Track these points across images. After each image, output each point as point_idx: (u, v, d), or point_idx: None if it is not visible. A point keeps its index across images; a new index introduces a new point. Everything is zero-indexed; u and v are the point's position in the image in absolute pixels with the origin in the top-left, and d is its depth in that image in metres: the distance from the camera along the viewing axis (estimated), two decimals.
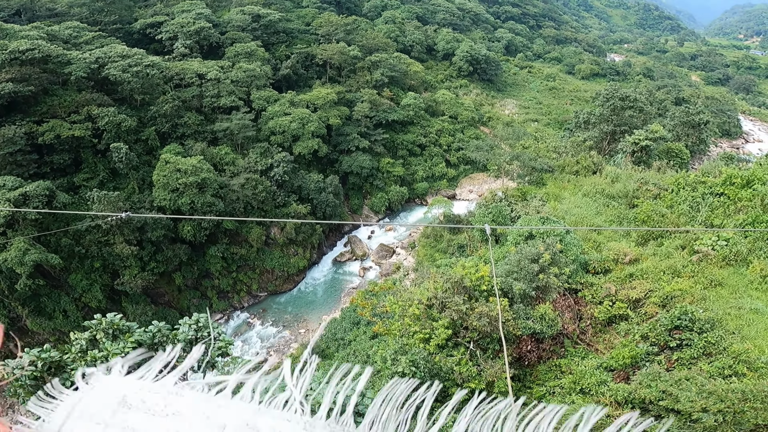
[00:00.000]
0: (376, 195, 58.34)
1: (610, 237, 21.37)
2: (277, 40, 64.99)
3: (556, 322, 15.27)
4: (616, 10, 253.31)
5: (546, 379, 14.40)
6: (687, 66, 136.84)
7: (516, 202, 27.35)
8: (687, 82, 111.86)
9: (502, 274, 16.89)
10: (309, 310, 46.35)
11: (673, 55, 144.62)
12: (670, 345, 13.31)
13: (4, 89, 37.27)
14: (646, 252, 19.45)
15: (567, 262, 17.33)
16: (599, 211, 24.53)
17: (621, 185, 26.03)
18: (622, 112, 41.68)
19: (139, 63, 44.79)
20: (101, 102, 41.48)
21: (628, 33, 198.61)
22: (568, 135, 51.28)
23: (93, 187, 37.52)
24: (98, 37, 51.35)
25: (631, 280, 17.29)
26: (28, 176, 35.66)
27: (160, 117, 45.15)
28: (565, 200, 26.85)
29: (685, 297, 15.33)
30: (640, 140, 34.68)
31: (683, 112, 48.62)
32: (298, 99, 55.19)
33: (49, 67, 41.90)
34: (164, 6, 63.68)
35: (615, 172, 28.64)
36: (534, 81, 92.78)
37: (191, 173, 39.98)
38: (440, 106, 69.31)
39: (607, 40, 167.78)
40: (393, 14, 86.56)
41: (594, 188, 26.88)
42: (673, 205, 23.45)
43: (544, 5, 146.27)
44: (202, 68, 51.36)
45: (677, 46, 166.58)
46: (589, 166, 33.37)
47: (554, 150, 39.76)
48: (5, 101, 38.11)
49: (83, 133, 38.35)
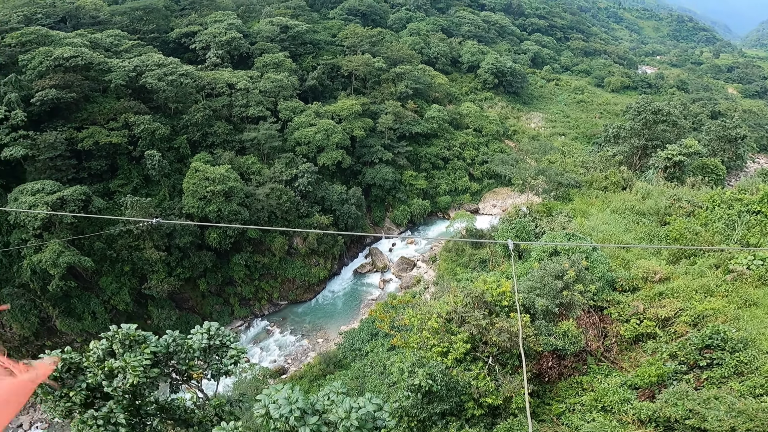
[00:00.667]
0: (399, 208, 58.82)
1: (639, 255, 21.11)
2: (304, 51, 66.93)
3: (579, 339, 15.22)
4: (648, 21, 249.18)
5: (566, 396, 14.34)
6: (723, 78, 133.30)
7: (541, 217, 27.27)
8: (723, 95, 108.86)
9: (524, 290, 16.96)
10: (328, 320, 46.90)
11: (709, 67, 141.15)
12: (700, 364, 13.13)
13: (48, 95, 39.53)
14: (677, 271, 19.16)
15: (593, 280, 17.27)
16: (628, 228, 24.25)
17: (652, 202, 25.65)
18: (654, 126, 40.97)
19: (174, 72, 46.86)
20: (138, 110, 43.54)
21: (660, 45, 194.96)
22: (596, 149, 50.60)
23: (127, 193, 39.28)
24: (137, 45, 54.00)
25: (660, 298, 17.07)
26: (66, 181, 37.63)
27: (192, 126, 47.02)
28: (592, 216, 26.61)
29: (717, 316, 15.08)
30: (673, 155, 34.03)
31: (719, 126, 47.46)
32: (324, 110, 56.54)
33: (91, 74, 44.21)
34: (198, 16, 66.56)
35: (646, 189, 28.20)
36: (561, 94, 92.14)
37: (219, 182, 41.43)
38: (464, 119, 69.61)
39: (639, 52, 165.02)
40: (418, 26, 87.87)
41: (623, 204, 26.55)
42: (708, 223, 23.02)
43: (572, 17, 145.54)
44: (232, 78, 53.31)
45: (713, 57, 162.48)
46: (618, 181, 32.93)
47: (582, 165, 39.28)
48: (48, 107, 40.39)
49: (120, 140, 40.31)
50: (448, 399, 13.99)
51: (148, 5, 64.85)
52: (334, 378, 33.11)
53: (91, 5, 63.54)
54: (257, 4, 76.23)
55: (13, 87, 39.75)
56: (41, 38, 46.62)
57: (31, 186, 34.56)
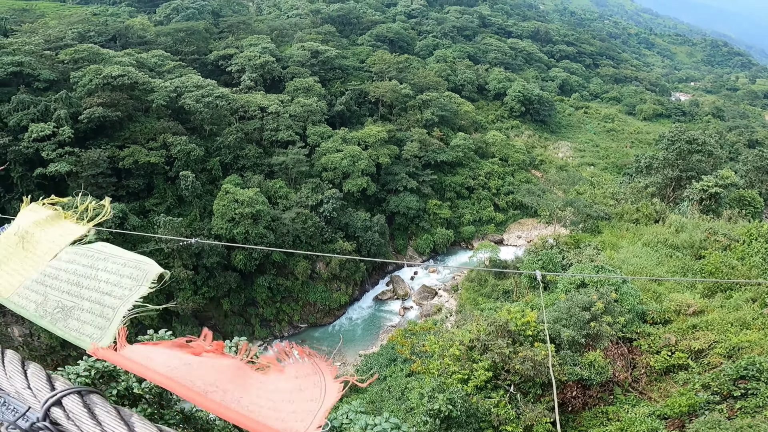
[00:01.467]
0: (422, 236, 59.35)
1: (672, 288, 21.08)
2: (333, 76, 69.70)
3: (606, 370, 15.34)
4: (681, 47, 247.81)
5: (590, 426, 14.41)
6: (760, 105, 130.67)
7: (568, 249, 27.41)
8: (760, 123, 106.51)
9: (550, 320, 17.26)
10: (346, 345, 47.29)
11: (745, 93, 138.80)
12: (734, 394, 13.11)
13: (95, 113, 42.30)
14: (712, 304, 19.06)
15: (622, 312, 17.43)
16: (661, 261, 24.21)
17: (686, 235, 25.54)
18: (689, 156, 40.48)
19: (210, 94, 49.58)
20: (176, 130, 46.13)
21: (694, 70, 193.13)
22: (627, 180, 50.34)
23: (161, 212, 41.33)
24: (178, 66, 57.51)
25: (694, 331, 17.04)
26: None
27: (225, 148, 49.37)
28: (622, 249, 26.63)
29: (753, 348, 15.03)
30: (708, 187, 33.65)
31: (756, 156, 46.56)
32: (350, 136, 58.36)
33: (136, 93, 47.15)
34: (235, 39, 70.50)
35: (680, 221, 28.05)
36: (590, 122, 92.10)
37: (247, 204, 43.19)
38: (490, 148, 70.31)
39: (672, 78, 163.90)
40: (444, 53, 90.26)
41: (656, 237, 26.49)
42: (744, 257, 22.79)
43: (601, 44, 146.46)
44: (264, 101, 55.86)
45: (749, 83, 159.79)
46: (650, 214, 32.71)
47: (612, 196, 39.03)
48: (95, 125, 43.14)
49: (158, 160, 42.69)
50: (467, 425, 14.25)
51: (190, 27, 69.25)
52: (351, 400, 33.25)
53: (139, 25, 68.29)
54: (290, 29, 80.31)
55: (64, 103, 42.67)
56: (93, 56, 50.22)
57: None
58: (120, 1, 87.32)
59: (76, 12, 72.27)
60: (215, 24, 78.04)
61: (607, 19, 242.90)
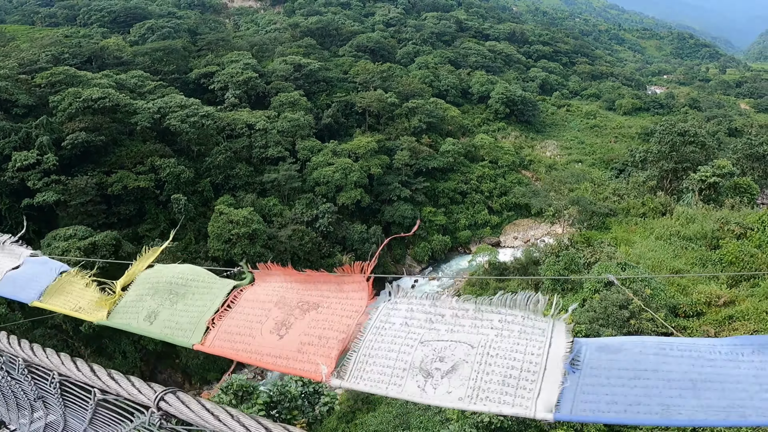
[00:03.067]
0: (419, 245, 59.50)
1: (695, 280, 21.58)
2: (317, 89, 69.83)
3: None
4: (650, 41, 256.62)
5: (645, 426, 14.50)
6: (733, 94, 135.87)
7: (582, 248, 27.82)
8: (737, 111, 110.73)
9: (585, 321, 17.44)
10: None
11: (717, 84, 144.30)
12: None
13: (78, 138, 41.26)
14: (740, 294, 19.61)
15: (657, 307, 17.77)
16: (677, 254, 24.81)
17: (698, 226, 26.28)
18: (682, 148, 41.88)
19: (195, 113, 48.98)
20: (163, 153, 45.36)
21: (665, 63, 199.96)
22: (624, 175, 51.36)
23: (155, 238, 40.41)
24: (159, 86, 56.66)
25: (731, 321, 17.48)
26: (97, 226, 38.94)
27: (214, 168, 48.78)
28: (636, 244, 27.19)
29: None
30: (707, 177, 34.75)
31: (746, 144, 48.24)
32: (340, 148, 58.42)
33: (118, 116, 46.14)
34: (215, 56, 69.98)
35: (687, 213, 28.83)
36: (573, 120, 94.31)
37: (243, 224, 42.61)
38: (479, 151, 71.29)
39: (645, 72, 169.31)
40: (426, 60, 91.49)
41: (667, 231, 27.12)
42: (761, 245, 23.51)
43: (575, 42, 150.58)
44: (251, 118, 55.53)
45: (719, 73, 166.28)
46: (656, 207, 33.52)
47: (614, 193, 39.91)
48: (79, 151, 42.09)
49: (148, 184, 41.87)
50: None
51: (167, 46, 68.42)
52: (376, 415, 32.75)
53: (114, 46, 67.16)
54: (270, 43, 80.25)
55: (45, 129, 41.52)
56: (70, 78, 49.09)
57: (63, 231, 35.91)
58: (91, 22, 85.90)
59: (47, 34, 70.72)
60: (193, 42, 77.42)
61: (577, 17, 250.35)
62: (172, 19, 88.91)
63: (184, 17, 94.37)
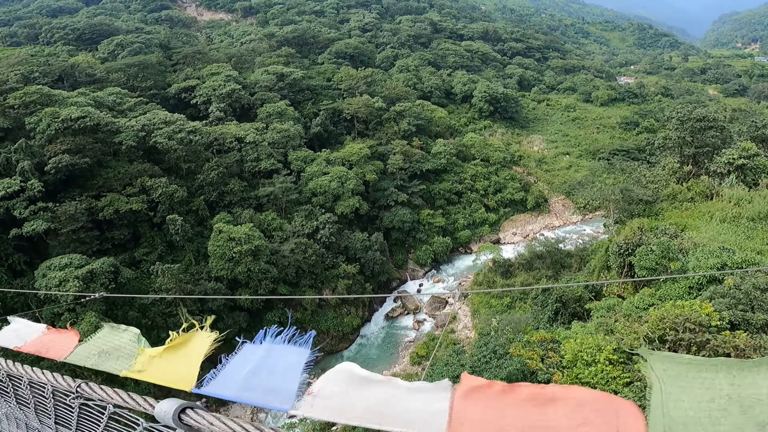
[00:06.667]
0: (420, 248, 59.43)
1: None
2: (303, 97, 69.03)
3: None
4: (612, 33, 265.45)
5: None
6: (700, 80, 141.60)
7: (659, 235, 27.25)
8: (707, 97, 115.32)
9: (721, 308, 17.48)
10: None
11: (683, 72, 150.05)
12: None
13: (62, 161, 39.23)
14: None
15: None
16: (748, 235, 25.23)
17: (758, 206, 26.55)
18: (702, 133, 42.19)
19: (181, 129, 47.44)
20: (152, 172, 43.70)
21: (630, 54, 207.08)
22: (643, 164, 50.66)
23: (153, 261, 38.90)
24: (139, 103, 54.80)
25: None
26: (92, 253, 37.10)
27: (207, 185, 47.41)
28: (701, 229, 27.35)
29: None
30: (734, 159, 35.48)
31: (751, 126, 48.92)
32: (333, 157, 57.83)
33: (100, 136, 44.12)
34: (193, 70, 68.25)
35: (738, 195, 29.18)
36: (554, 113, 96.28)
37: (245, 241, 41.50)
38: (470, 150, 71.90)
39: (613, 64, 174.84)
40: (406, 63, 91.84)
41: (728, 213, 27.30)
42: None
43: (545, 37, 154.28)
44: (239, 131, 54.24)
45: (683, 62, 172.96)
46: (703, 191, 33.96)
47: (651, 180, 40.06)
48: (63, 175, 40.04)
49: (140, 207, 40.21)
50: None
51: (142, 61, 66.35)
52: None
53: (85, 63, 64.71)
54: (248, 54, 78.98)
55: (25, 154, 39.27)
56: (44, 98, 46.91)
57: (58, 261, 34.08)
58: (54, 40, 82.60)
59: (11, 54, 67.52)
60: (168, 57, 75.41)
61: (543, 13, 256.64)
62: (141, 34, 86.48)
63: (153, 32, 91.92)
